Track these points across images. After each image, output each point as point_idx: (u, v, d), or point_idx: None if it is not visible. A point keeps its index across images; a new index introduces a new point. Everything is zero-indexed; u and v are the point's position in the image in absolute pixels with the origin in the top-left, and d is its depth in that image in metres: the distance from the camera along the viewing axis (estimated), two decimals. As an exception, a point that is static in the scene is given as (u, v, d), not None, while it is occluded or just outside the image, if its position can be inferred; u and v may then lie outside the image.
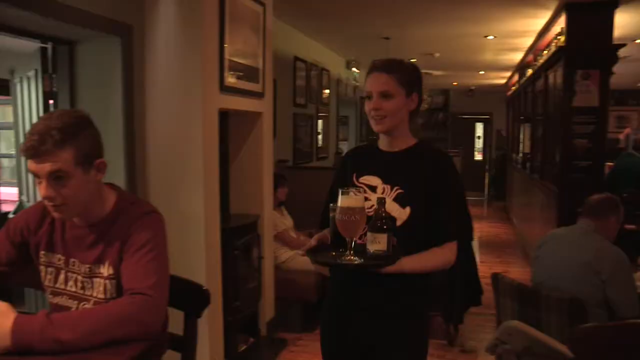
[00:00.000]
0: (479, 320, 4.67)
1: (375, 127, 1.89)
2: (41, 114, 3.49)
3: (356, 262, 1.73)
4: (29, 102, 3.74)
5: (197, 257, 3.23)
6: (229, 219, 3.75)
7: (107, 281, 1.67)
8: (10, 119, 6.54)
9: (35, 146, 1.51)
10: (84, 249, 1.70)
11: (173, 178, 3.26)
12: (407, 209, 1.83)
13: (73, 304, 1.72)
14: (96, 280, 1.69)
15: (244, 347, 3.88)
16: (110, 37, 3.20)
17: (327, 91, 8.09)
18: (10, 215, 4.28)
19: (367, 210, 1.78)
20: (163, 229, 1.72)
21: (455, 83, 13.50)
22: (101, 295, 1.68)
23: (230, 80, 3.47)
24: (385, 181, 1.90)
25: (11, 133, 6.83)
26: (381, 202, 1.76)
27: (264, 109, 4.04)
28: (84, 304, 1.70)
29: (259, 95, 3.92)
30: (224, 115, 3.52)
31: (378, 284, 1.83)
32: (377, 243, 1.72)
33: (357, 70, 9.40)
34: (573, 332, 2.28)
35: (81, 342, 1.40)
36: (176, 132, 3.25)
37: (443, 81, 12.66)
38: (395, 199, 1.85)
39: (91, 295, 1.69)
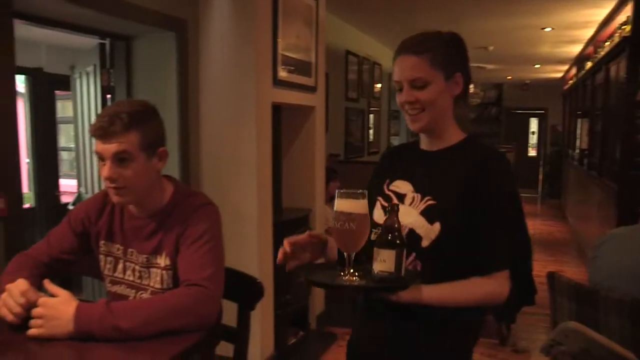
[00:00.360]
0: (531, 320, 4.55)
1: (411, 126, 1.54)
2: (99, 108, 3.58)
3: (354, 284, 1.37)
4: (87, 97, 3.85)
5: (250, 250, 3.25)
6: (281, 213, 3.76)
7: (164, 272, 1.69)
8: (70, 114, 6.77)
9: (105, 127, 1.57)
10: (141, 240, 1.73)
11: (226, 172, 3.29)
12: (437, 225, 1.45)
13: (131, 292, 1.75)
14: (153, 270, 1.71)
15: (293, 341, 3.89)
16: (165, 32, 3.25)
17: (379, 85, 8.03)
18: (70, 206, 4.42)
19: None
20: (219, 221, 1.73)
21: (509, 77, 13.19)
22: (158, 285, 1.70)
23: (283, 74, 3.47)
24: (416, 189, 1.54)
25: (71, 127, 7.07)
26: (393, 209, 1.38)
27: (317, 103, 4.03)
28: (142, 294, 1.74)
29: (312, 89, 3.92)
30: (277, 109, 3.53)
31: (403, 316, 1.46)
32: (382, 262, 1.34)
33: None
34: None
35: (138, 330, 1.42)
36: (229, 126, 3.28)
37: (497, 75, 12.38)
38: (424, 212, 1.48)
39: (148, 285, 1.72)
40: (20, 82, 5.23)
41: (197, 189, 3.31)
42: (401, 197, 1.55)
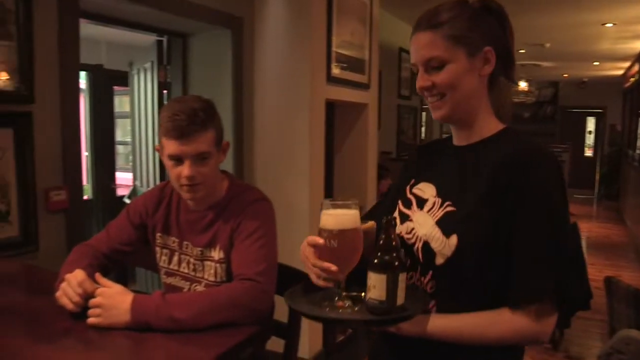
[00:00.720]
0: (586, 325, 4.42)
1: (433, 115, 1.30)
2: (156, 103, 3.66)
3: (331, 317, 1.16)
4: (144, 92, 3.94)
5: (300, 247, 3.26)
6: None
7: (218, 265, 1.72)
8: (126, 109, 6.95)
9: (185, 126, 1.58)
10: (196, 233, 1.76)
11: (279, 168, 3.31)
12: (453, 239, 1.18)
13: (185, 285, 1.78)
14: (207, 263, 1.74)
15: (341, 338, 3.89)
16: (221, 29, 3.29)
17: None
18: (125, 199, 4.54)
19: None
20: (273, 216, 1.74)
21: (565, 75, 12.80)
22: (212, 278, 1.73)
23: (337, 71, 3.47)
24: (438, 192, 1.29)
25: (126, 122, 7.26)
26: (389, 224, 1.14)
27: (370, 100, 4.01)
28: (196, 286, 1.76)
29: (365, 86, 3.90)
30: (330, 106, 3.54)
31: (422, 342, 1.21)
32: (373, 288, 1.12)
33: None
34: None
35: (192, 321, 1.44)
36: (283, 122, 3.30)
37: (553, 73, 12.04)
38: (441, 222, 1.22)
39: (202, 278, 1.75)
40: (82, 79, 5.41)
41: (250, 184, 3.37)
42: (422, 203, 1.31)
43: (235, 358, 1.45)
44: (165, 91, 3.68)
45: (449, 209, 1.23)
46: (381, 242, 1.13)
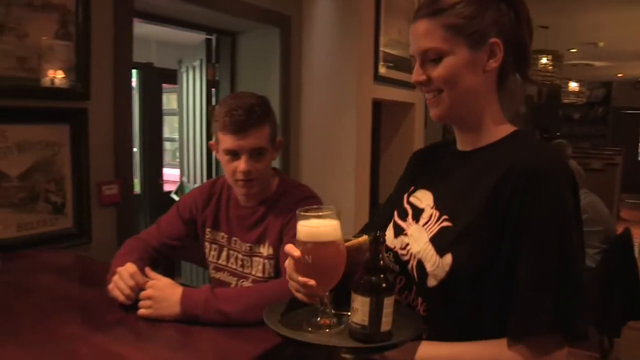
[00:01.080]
0: (638, 335, 4.27)
1: (430, 113, 1.17)
2: (204, 101, 3.73)
3: (304, 341, 1.02)
4: (193, 90, 4.01)
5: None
6: (378, 209, 3.73)
7: (266, 261, 1.73)
8: (173, 106, 7.08)
9: (242, 121, 1.60)
10: (245, 229, 1.77)
11: (325, 167, 3.32)
12: (448, 258, 1.05)
13: (233, 280, 1.80)
14: (255, 259, 1.76)
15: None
16: (269, 28, 3.32)
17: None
18: (172, 195, 4.63)
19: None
20: None
21: (619, 74, 12.38)
22: (259, 274, 1.74)
23: (384, 70, 3.46)
24: (436, 203, 1.16)
25: (173, 119, 7.40)
26: (377, 241, 1.02)
27: (416, 100, 3.98)
28: (243, 282, 1.78)
29: (412, 85, 3.82)
30: (377, 106, 3.53)
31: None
32: (355, 311, 1.00)
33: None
34: None
35: (240, 316, 1.45)
36: (330, 122, 3.30)
37: (605, 73, 11.66)
38: (435, 238, 1.10)
39: (250, 273, 1.77)
40: (133, 76, 5.52)
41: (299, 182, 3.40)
42: (418, 214, 1.18)
43: (281, 354, 1.47)
44: (213, 89, 3.73)
45: (445, 224, 1.10)
46: (367, 261, 1.01)
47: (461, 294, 1.05)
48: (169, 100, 6.53)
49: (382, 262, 1.01)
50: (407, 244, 1.16)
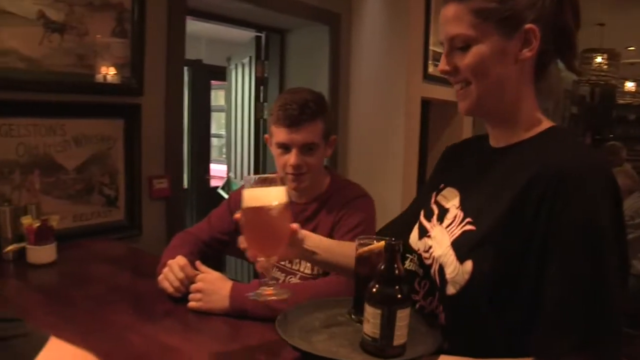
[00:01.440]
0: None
1: (458, 106, 1.09)
2: (252, 97, 3.76)
3: (315, 351, 0.97)
4: (242, 87, 4.06)
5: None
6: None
7: None
8: (220, 102, 7.17)
9: (296, 115, 1.62)
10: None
11: (372, 164, 3.31)
12: (468, 265, 0.97)
13: (281, 276, 1.81)
14: None
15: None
16: (319, 25, 3.33)
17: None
18: (219, 190, 4.70)
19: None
20: (374, 213, 1.74)
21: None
22: (308, 271, 1.75)
23: (433, 69, 3.42)
24: (462, 203, 1.08)
25: (219, 115, 7.50)
26: (392, 248, 0.96)
27: (465, 99, 3.93)
28: (290, 278, 1.79)
29: (460, 85, 3.80)
30: (425, 105, 3.50)
31: None
32: (367, 322, 0.95)
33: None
34: None
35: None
36: (378, 120, 3.29)
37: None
38: (456, 243, 1.01)
39: (298, 270, 1.78)
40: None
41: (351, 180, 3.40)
42: (443, 214, 1.10)
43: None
44: (261, 86, 3.77)
45: (468, 227, 1.01)
46: (381, 270, 0.95)
47: (480, 304, 0.96)
48: (216, 97, 6.62)
49: (397, 271, 0.95)
50: (430, 247, 1.08)
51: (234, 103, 4.33)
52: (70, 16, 2.18)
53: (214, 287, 1.51)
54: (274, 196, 1.10)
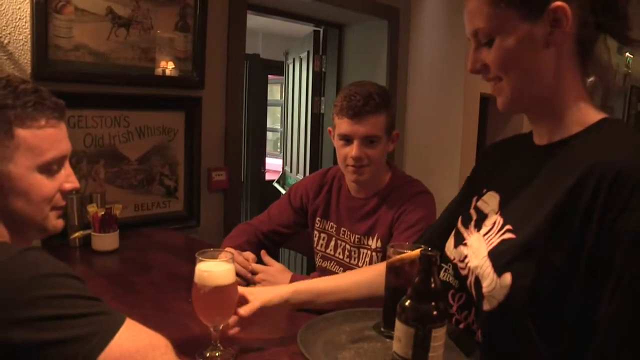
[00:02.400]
0: None
1: (497, 103, 0.98)
2: (310, 92, 3.78)
3: None
4: (299, 81, 4.08)
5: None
6: (480, 207, 3.64)
7: (374, 253, 1.73)
8: (275, 97, 7.23)
9: (359, 106, 1.63)
10: (355, 220, 1.78)
11: (429, 160, 3.27)
12: (507, 278, 0.85)
13: (339, 270, 1.82)
14: (363, 250, 1.76)
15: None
16: (377, 20, 3.31)
17: (590, 79, 7.29)
18: (275, 184, 4.74)
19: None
20: (434, 210, 1.72)
21: None
22: (366, 266, 1.74)
23: (493, 64, 3.35)
24: (502, 208, 0.97)
25: (274, 109, 7.57)
26: (428, 260, 0.86)
27: (525, 96, 3.82)
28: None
29: (521, 80, 3.70)
30: (484, 101, 3.42)
31: None
32: (398, 340, 0.86)
33: (630, 56, 8.31)
34: None
35: (346, 306, 1.47)
36: (436, 116, 3.25)
37: None
38: (493, 252, 0.90)
39: (356, 265, 1.78)
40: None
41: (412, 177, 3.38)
42: (482, 220, 0.99)
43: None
44: (319, 81, 3.77)
45: (507, 235, 0.89)
46: (416, 283, 0.86)
47: (520, 323, 0.84)
48: (271, 91, 6.67)
49: (433, 285, 0.85)
50: (466, 256, 0.97)
51: (290, 97, 4.35)
52: (136, 11, 2.24)
53: (274, 278, 1.55)
54: (222, 276, 1.14)
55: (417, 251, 1.00)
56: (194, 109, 2.51)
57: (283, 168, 4.77)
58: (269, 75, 5.83)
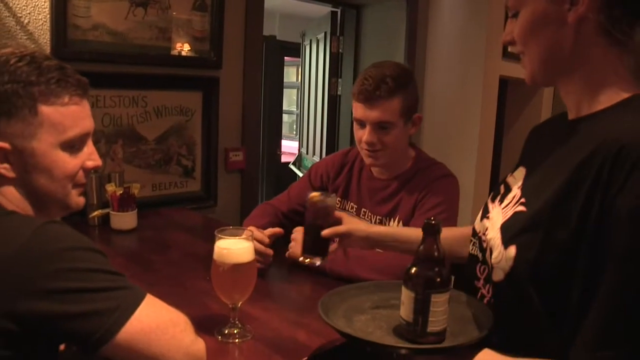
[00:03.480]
0: None
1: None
2: (327, 73, 3.76)
3: (351, 332, 0.93)
4: (316, 62, 4.05)
5: (461, 225, 3.19)
6: (498, 191, 3.60)
7: None
8: (291, 79, 7.20)
9: (370, 90, 1.59)
10: (377, 202, 1.77)
11: (446, 142, 3.24)
12: (511, 251, 0.86)
13: None
14: None
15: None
16: (395, 1, 3.27)
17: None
18: (291, 166, 4.75)
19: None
20: (458, 194, 1.70)
21: None
22: None
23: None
24: (524, 182, 0.98)
25: (290, 92, 7.54)
26: (433, 228, 0.90)
27: (545, 79, 3.76)
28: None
29: (541, 63, 3.63)
30: (503, 83, 3.38)
31: None
32: (402, 304, 0.92)
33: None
34: None
35: (366, 276, 1.48)
36: (454, 98, 3.21)
37: None
38: (505, 225, 0.92)
39: (376, 246, 1.77)
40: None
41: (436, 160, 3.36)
42: (506, 194, 1.01)
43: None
44: (336, 62, 3.75)
45: (519, 208, 0.91)
46: (420, 250, 0.90)
47: (524, 296, 0.85)
48: (287, 74, 6.65)
49: (436, 253, 0.89)
50: (487, 229, 0.99)
51: (307, 79, 4.33)
52: (154, -10, 2.24)
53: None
54: (241, 253, 1.18)
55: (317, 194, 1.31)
56: (212, 89, 2.50)
57: (299, 150, 4.77)
58: (285, 57, 5.81)
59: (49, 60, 0.97)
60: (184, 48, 2.38)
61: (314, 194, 1.34)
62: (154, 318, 0.90)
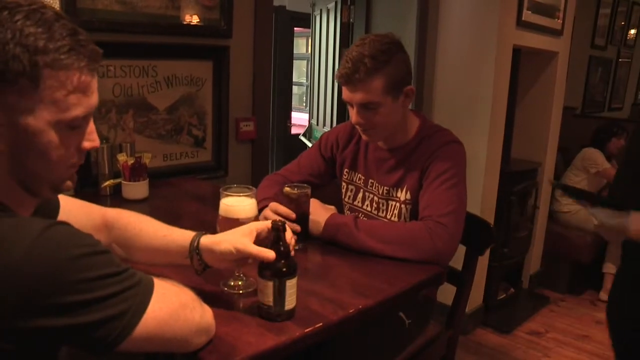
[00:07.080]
0: None
1: None
2: (337, 44, 3.71)
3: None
4: (326, 33, 4.01)
5: (473, 196, 3.15)
6: (509, 163, 3.57)
7: (403, 205, 1.71)
8: (301, 50, 7.14)
9: (349, 74, 1.57)
10: (383, 172, 1.76)
11: (459, 112, 3.19)
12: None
13: None
14: (391, 202, 1.74)
15: (503, 296, 3.76)
16: (408, -32, 3.20)
17: (633, 31, 6.87)
18: (301, 137, 4.73)
19: None
20: (464, 160, 1.68)
21: None
22: (394, 218, 1.73)
23: (528, 15, 3.22)
24: None
25: (300, 63, 7.48)
26: (277, 228, 1.15)
27: (560, 49, 3.68)
28: None
29: (557, 33, 3.56)
30: (516, 53, 3.31)
31: None
32: (261, 293, 1.15)
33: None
34: None
35: (375, 246, 1.51)
36: (467, 67, 3.15)
37: None
38: None
39: (384, 217, 1.76)
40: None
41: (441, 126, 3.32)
42: None
43: (415, 296, 1.47)
44: (347, 32, 3.69)
45: None
46: (269, 247, 1.12)
47: None
48: (297, 45, 6.58)
49: (282, 248, 1.12)
50: None
51: (317, 49, 4.29)
52: (164, -44, 2.20)
53: (314, 215, 1.60)
54: (246, 210, 1.28)
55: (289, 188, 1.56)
56: (222, 58, 2.48)
57: (309, 121, 4.75)
58: (294, 28, 5.74)
59: (61, 21, 0.84)
60: (194, 16, 2.35)
61: (287, 189, 1.55)
62: (165, 309, 0.88)
